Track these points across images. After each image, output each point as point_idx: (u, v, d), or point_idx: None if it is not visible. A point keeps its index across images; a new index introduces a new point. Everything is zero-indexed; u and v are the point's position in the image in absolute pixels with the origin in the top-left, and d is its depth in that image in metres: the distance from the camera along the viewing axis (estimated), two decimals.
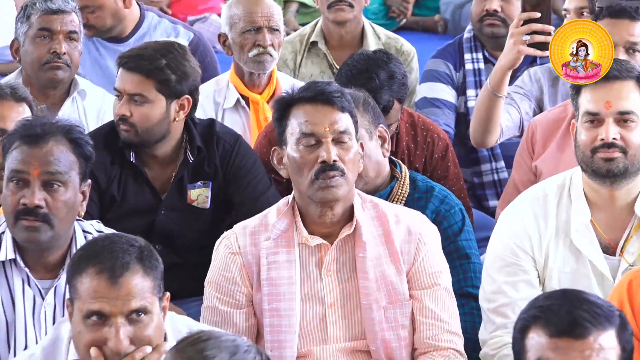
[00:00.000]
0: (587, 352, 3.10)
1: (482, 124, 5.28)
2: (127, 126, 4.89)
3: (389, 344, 4.23)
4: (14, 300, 4.16)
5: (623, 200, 4.33)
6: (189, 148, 5.01)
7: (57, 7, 5.55)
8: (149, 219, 4.97)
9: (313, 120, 4.19)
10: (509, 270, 4.38)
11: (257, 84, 5.76)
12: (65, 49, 5.54)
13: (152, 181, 5.04)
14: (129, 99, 4.89)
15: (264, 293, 4.21)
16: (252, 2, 5.73)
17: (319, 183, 4.14)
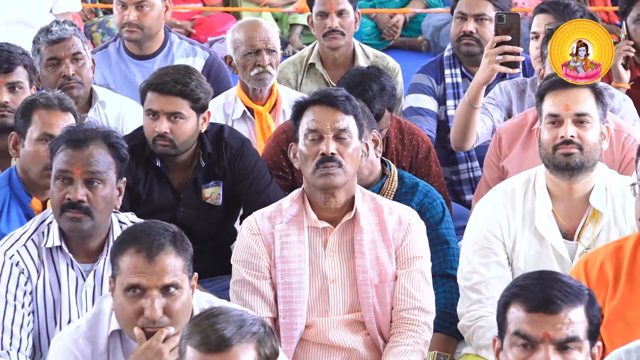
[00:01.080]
0: (558, 326, 3.09)
1: (461, 131, 5.28)
2: (166, 141, 4.84)
3: (379, 316, 4.26)
4: (59, 281, 4.16)
5: (580, 192, 4.34)
6: (202, 154, 5.00)
7: (58, 37, 5.47)
8: (170, 215, 4.91)
9: (318, 119, 4.24)
10: (482, 253, 4.39)
11: (259, 98, 5.74)
12: (73, 70, 5.46)
13: (173, 182, 5.01)
14: (167, 118, 4.84)
15: (278, 269, 4.23)
16: (251, 28, 5.71)
17: (319, 172, 4.19)
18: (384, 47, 8.62)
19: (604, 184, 4.35)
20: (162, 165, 4.97)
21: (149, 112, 4.88)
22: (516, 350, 3.12)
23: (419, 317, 4.26)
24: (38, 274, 4.15)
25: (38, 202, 4.60)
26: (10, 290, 4.11)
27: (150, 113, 4.88)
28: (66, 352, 3.62)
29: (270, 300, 4.24)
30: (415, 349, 4.24)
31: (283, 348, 4.13)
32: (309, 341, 4.25)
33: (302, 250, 4.25)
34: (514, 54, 5.05)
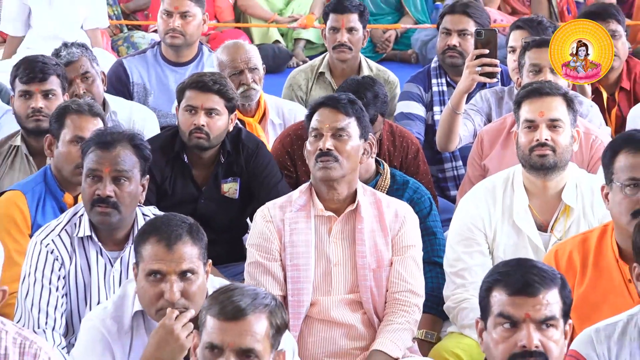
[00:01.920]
0: (537, 307, 3.08)
1: (446, 134, 5.29)
2: (202, 134, 4.85)
3: (375, 297, 4.26)
4: (90, 267, 4.16)
5: (553, 189, 4.33)
6: (222, 152, 4.99)
7: (66, 60, 5.46)
8: (192, 207, 4.91)
9: (320, 119, 4.27)
10: (466, 243, 4.39)
11: (248, 111, 5.72)
12: (83, 89, 5.44)
13: (195, 178, 5.01)
14: (205, 113, 4.85)
15: (287, 252, 4.24)
16: (232, 50, 5.68)
17: (318, 165, 4.21)
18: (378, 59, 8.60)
19: (574, 182, 4.35)
20: (189, 161, 4.97)
21: (187, 108, 4.89)
22: (500, 329, 3.11)
23: (410, 299, 4.26)
24: (71, 261, 4.15)
25: (70, 197, 4.60)
26: (46, 275, 4.11)
27: (189, 109, 4.88)
28: (95, 330, 3.63)
29: (280, 280, 4.24)
30: (407, 328, 4.24)
31: (291, 323, 4.15)
32: (313, 318, 4.25)
33: (309, 236, 4.25)
34: (492, 66, 5.07)
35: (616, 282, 3.80)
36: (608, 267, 3.82)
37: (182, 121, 4.91)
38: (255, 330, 3.01)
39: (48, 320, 4.09)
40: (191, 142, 4.89)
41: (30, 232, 4.47)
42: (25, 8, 7.63)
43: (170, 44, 6.20)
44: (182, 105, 4.92)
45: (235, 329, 3.01)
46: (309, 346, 4.23)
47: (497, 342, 3.12)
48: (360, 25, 6.12)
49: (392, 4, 9.38)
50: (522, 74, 5.17)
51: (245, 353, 3.00)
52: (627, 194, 3.75)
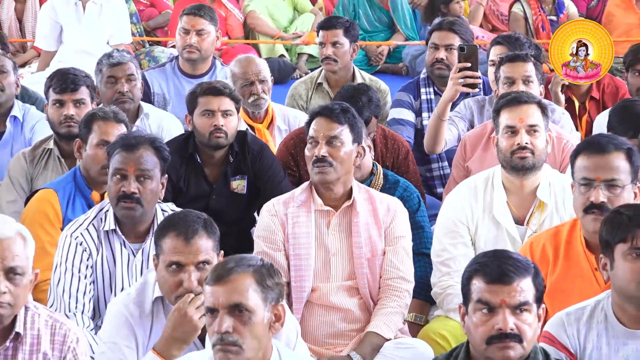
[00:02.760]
0: (512, 294, 3.09)
1: (432, 138, 5.29)
2: (221, 133, 4.85)
3: (370, 283, 4.26)
4: (114, 258, 4.17)
5: (529, 187, 4.32)
6: (231, 152, 4.98)
7: (117, 61, 5.47)
8: (205, 202, 4.91)
9: (316, 128, 4.27)
10: (451, 235, 4.38)
11: (257, 117, 5.72)
12: (127, 89, 5.44)
13: (207, 176, 5.00)
14: (222, 115, 4.86)
15: (290, 243, 4.23)
16: (244, 64, 5.69)
17: (314, 170, 4.21)
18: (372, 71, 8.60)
19: (548, 181, 4.34)
20: (201, 161, 4.96)
21: (205, 112, 4.89)
22: (479, 314, 3.12)
23: (401, 285, 4.26)
24: (97, 251, 4.15)
25: (97, 194, 4.59)
26: (75, 264, 4.12)
27: (207, 113, 4.88)
28: (119, 314, 3.62)
29: (284, 268, 4.23)
30: (398, 311, 4.24)
31: (294, 307, 4.17)
32: (314, 303, 4.24)
33: (310, 229, 4.25)
34: (473, 78, 5.08)
35: (584, 270, 3.79)
36: (577, 257, 3.82)
37: (201, 124, 4.89)
38: (240, 287, 2.98)
39: (77, 305, 4.10)
40: (211, 141, 4.88)
41: (61, 225, 4.46)
42: (57, 26, 7.64)
43: (187, 59, 6.20)
44: (199, 110, 4.90)
45: (223, 289, 2.99)
46: (310, 329, 4.22)
47: (477, 325, 3.12)
48: (346, 40, 6.08)
49: (385, 22, 9.37)
50: (498, 86, 5.19)
51: (236, 308, 2.97)
52: (581, 192, 3.78)
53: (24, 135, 5.66)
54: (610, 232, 3.38)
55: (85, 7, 7.57)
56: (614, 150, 3.77)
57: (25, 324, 3.30)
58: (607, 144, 3.79)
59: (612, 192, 3.74)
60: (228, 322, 2.96)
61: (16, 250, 3.23)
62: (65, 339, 3.33)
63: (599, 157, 3.76)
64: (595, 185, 3.74)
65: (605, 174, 3.75)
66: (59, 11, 7.66)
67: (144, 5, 9.53)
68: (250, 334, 2.97)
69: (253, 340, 2.98)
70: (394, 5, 9.32)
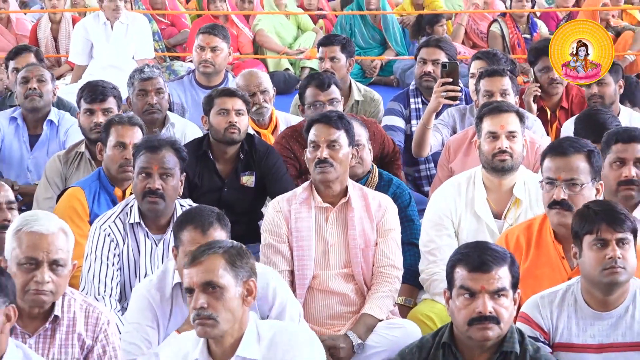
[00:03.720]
0: (491, 281, 3.10)
1: (419, 144, 5.31)
2: (235, 129, 4.86)
3: (364, 271, 4.23)
4: (139, 247, 4.16)
5: (506, 186, 4.31)
6: (241, 150, 4.98)
7: (147, 76, 5.44)
8: (218, 195, 4.90)
9: (317, 133, 4.24)
10: (437, 228, 4.36)
11: (262, 124, 5.71)
12: (155, 101, 5.42)
13: (220, 172, 4.98)
14: (235, 113, 4.87)
15: (293, 236, 4.21)
16: (247, 77, 5.68)
17: (317, 170, 4.18)
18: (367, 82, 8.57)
19: (523, 180, 4.33)
20: (213, 158, 4.96)
21: (221, 112, 4.89)
22: (462, 299, 3.12)
23: (392, 272, 4.23)
24: (124, 242, 4.15)
25: (119, 190, 4.59)
26: (104, 253, 4.12)
27: (222, 112, 4.88)
28: (142, 298, 3.62)
29: (288, 258, 4.21)
30: (389, 295, 4.22)
31: (297, 292, 4.16)
32: (315, 288, 4.22)
33: (310, 223, 4.22)
34: (454, 91, 5.12)
35: (553, 258, 3.79)
36: (547, 247, 3.81)
37: (217, 122, 4.90)
38: (210, 267, 3.00)
39: (106, 289, 4.09)
40: (226, 137, 4.88)
41: (88, 219, 4.46)
42: (89, 43, 7.67)
43: (203, 72, 6.19)
44: (215, 110, 4.91)
45: (196, 270, 3.01)
46: (311, 311, 4.20)
47: (460, 309, 3.12)
48: (343, 55, 6.04)
49: (377, 40, 9.36)
50: (478, 97, 5.19)
51: (209, 285, 2.98)
52: (546, 190, 3.78)
53: (58, 137, 5.67)
54: (579, 224, 3.39)
55: (114, 27, 7.61)
56: (574, 153, 3.77)
57: (62, 308, 3.31)
58: (568, 147, 3.79)
59: (572, 190, 3.74)
60: (202, 299, 2.97)
61: (59, 245, 3.25)
62: (98, 321, 3.33)
63: (561, 159, 3.77)
64: (557, 184, 3.75)
65: (565, 174, 3.75)
66: (90, 30, 7.69)
67: (165, 25, 9.54)
68: (224, 307, 2.98)
69: (227, 314, 2.98)
70: (385, 25, 9.31)
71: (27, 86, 5.60)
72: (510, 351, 3.12)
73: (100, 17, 7.66)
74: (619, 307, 3.38)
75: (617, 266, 3.31)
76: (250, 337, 3.03)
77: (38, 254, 3.22)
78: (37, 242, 3.22)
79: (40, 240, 3.22)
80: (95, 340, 3.31)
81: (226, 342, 3.01)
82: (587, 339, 3.39)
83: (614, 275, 3.32)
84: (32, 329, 3.29)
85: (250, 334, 3.04)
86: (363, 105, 6.05)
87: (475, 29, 9.41)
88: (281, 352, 3.02)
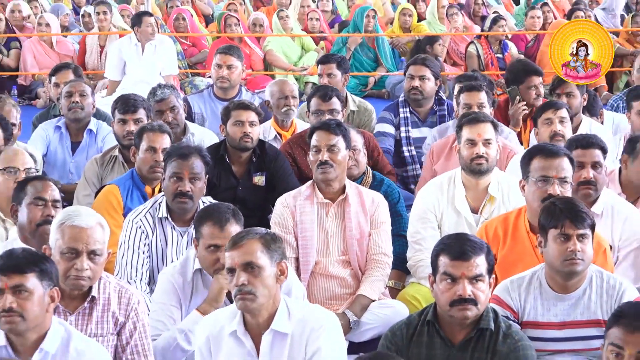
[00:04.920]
0: (469, 268, 3.09)
1: None
2: (249, 139, 4.87)
3: (359, 258, 4.23)
4: (166, 238, 4.15)
5: (482, 185, 4.29)
6: (253, 154, 4.96)
7: (160, 97, 5.38)
8: (233, 193, 4.88)
9: (318, 139, 4.24)
10: (422, 221, 4.35)
11: (285, 127, 5.69)
12: (171, 118, 5.35)
13: (235, 173, 4.97)
14: (250, 124, 4.87)
15: (298, 227, 4.20)
16: (280, 85, 5.68)
17: (319, 171, 4.18)
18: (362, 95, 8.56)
19: (497, 180, 4.31)
20: (229, 161, 4.94)
21: (237, 123, 4.89)
22: (444, 283, 3.11)
23: (383, 259, 4.22)
24: (153, 233, 4.13)
25: (149, 188, 4.58)
26: (135, 243, 4.11)
27: (238, 123, 4.88)
28: (167, 281, 3.62)
29: (294, 247, 4.19)
30: (381, 279, 4.21)
31: (302, 276, 4.15)
32: (317, 273, 4.21)
33: (313, 217, 4.21)
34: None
35: (527, 248, 3.77)
36: (521, 238, 3.79)
37: (233, 132, 4.90)
38: (249, 250, 3.01)
39: (137, 274, 4.08)
40: (240, 144, 4.88)
41: (122, 212, 4.46)
42: (122, 61, 7.67)
43: (220, 87, 6.16)
44: (232, 121, 4.90)
45: (237, 252, 3.02)
46: (314, 293, 4.19)
47: (442, 291, 3.11)
48: (339, 72, 6.04)
49: (371, 58, 9.36)
50: (459, 109, 5.19)
51: (248, 266, 3.00)
52: (539, 186, 3.74)
53: (97, 144, 5.65)
54: (546, 219, 3.38)
55: (144, 48, 7.61)
56: (563, 155, 3.77)
57: (99, 290, 3.30)
58: (559, 150, 3.80)
59: (564, 187, 3.74)
60: (243, 276, 2.98)
61: (96, 237, 3.25)
62: (129, 301, 3.32)
63: (554, 160, 3.75)
64: (551, 182, 3.72)
65: (559, 173, 3.74)
66: (123, 50, 7.70)
67: (187, 46, 9.54)
68: (262, 284, 2.99)
69: (264, 290, 3.00)
70: (378, 46, 9.31)
71: (71, 100, 5.58)
72: (486, 328, 3.12)
73: (132, 39, 7.67)
74: (577, 290, 3.37)
75: (577, 258, 3.30)
76: (283, 313, 3.05)
77: (78, 245, 3.21)
78: (77, 234, 3.22)
79: (81, 233, 3.22)
80: (127, 318, 3.30)
81: (262, 316, 3.03)
82: (550, 318, 3.38)
83: (574, 265, 3.31)
84: (72, 308, 3.28)
85: (282, 310, 3.05)
86: (358, 115, 6.04)
87: (455, 49, 9.40)
88: (308, 330, 3.02)
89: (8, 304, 2.86)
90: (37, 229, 3.66)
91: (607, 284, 3.37)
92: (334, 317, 3.16)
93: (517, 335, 3.15)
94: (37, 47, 9.06)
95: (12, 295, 2.87)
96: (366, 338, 4.12)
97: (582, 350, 3.38)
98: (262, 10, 10.89)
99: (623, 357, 2.68)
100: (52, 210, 3.68)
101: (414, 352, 3.14)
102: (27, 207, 3.69)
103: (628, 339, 2.67)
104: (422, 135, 5.71)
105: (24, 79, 9.04)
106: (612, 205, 4.04)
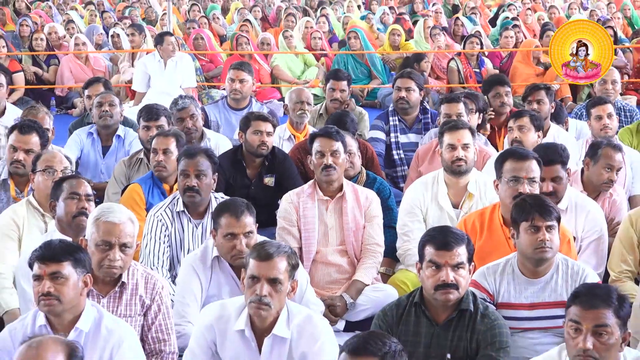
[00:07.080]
0: (452, 257, 3.08)
1: None
2: (265, 147, 4.85)
3: (355, 248, 4.22)
4: (183, 230, 4.13)
5: (462, 184, 4.29)
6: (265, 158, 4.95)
7: (181, 107, 5.35)
8: (246, 191, 4.85)
9: (321, 144, 4.23)
10: (410, 215, 4.34)
11: (299, 129, 5.68)
12: (191, 125, 5.31)
13: (248, 175, 4.95)
14: (267, 134, 4.86)
15: (301, 221, 4.19)
16: (297, 92, 5.68)
17: (323, 174, 4.16)
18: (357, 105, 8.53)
19: (475, 179, 4.30)
20: (245, 164, 4.93)
21: (255, 132, 4.86)
22: (430, 270, 3.11)
23: (376, 249, 4.22)
24: (172, 225, 4.12)
25: (167, 186, 4.58)
26: (157, 234, 4.10)
27: (257, 132, 4.86)
28: (188, 267, 3.61)
29: (297, 238, 4.19)
30: (374, 266, 4.21)
31: (304, 264, 4.14)
32: (317, 261, 4.20)
33: (314, 212, 4.20)
34: None
35: (500, 239, 3.77)
36: (496, 230, 3.80)
37: (251, 140, 4.87)
38: (279, 267, 2.96)
39: (159, 262, 4.07)
40: (258, 151, 4.87)
41: (145, 207, 4.45)
42: (147, 75, 7.67)
43: (233, 98, 6.14)
44: (251, 130, 4.86)
45: (267, 265, 2.95)
46: (315, 278, 4.18)
47: (428, 277, 3.11)
48: (347, 88, 6.09)
49: (365, 73, 9.35)
50: (440, 118, 5.18)
51: (273, 281, 2.94)
52: (511, 185, 3.75)
53: (124, 148, 5.65)
54: (518, 213, 3.38)
55: (166, 64, 7.60)
56: (532, 158, 3.77)
57: (128, 276, 3.30)
58: (528, 153, 3.80)
59: (532, 186, 3.73)
60: (267, 289, 2.93)
61: (127, 231, 3.24)
62: (155, 286, 3.31)
63: (524, 162, 3.75)
64: (522, 182, 3.71)
65: (528, 174, 3.74)
66: (148, 65, 7.70)
67: (205, 62, 9.54)
68: (278, 298, 2.96)
69: (279, 303, 2.97)
70: (372, 62, 9.30)
71: (101, 109, 5.57)
72: (466, 309, 3.12)
73: (156, 56, 7.67)
74: (546, 275, 3.37)
75: (546, 247, 3.30)
76: (284, 319, 2.99)
77: (111, 238, 3.20)
78: (110, 229, 3.21)
79: (113, 228, 3.21)
80: (152, 301, 3.29)
81: (267, 321, 2.98)
82: (522, 300, 3.38)
83: (543, 253, 3.31)
84: (104, 292, 3.28)
85: (284, 316, 3.00)
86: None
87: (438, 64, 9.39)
88: (306, 337, 2.97)
89: (46, 288, 2.87)
90: (73, 220, 3.67)
91: (571, 270, 3.37)
92: (329, 329, 3.09)
93: (493, 315, 3.15)
94: (74, 63, 9.09)
95: (50, 281, 2.88)
96: (361, 318, 4.12)
97: (550, 328, 3.39)
98: (269, 31, 10.88)
99: (581, 331, 2.67)
100: (85, 204, 3.68)
101: (402, 330, 3.14)
102: (64, 201, 3.69)
103: (585, 315, 2.65)
104: (409, 141, 5.72)
105: (62, 91, 9.07)
106: (575, 201, 4.05)
